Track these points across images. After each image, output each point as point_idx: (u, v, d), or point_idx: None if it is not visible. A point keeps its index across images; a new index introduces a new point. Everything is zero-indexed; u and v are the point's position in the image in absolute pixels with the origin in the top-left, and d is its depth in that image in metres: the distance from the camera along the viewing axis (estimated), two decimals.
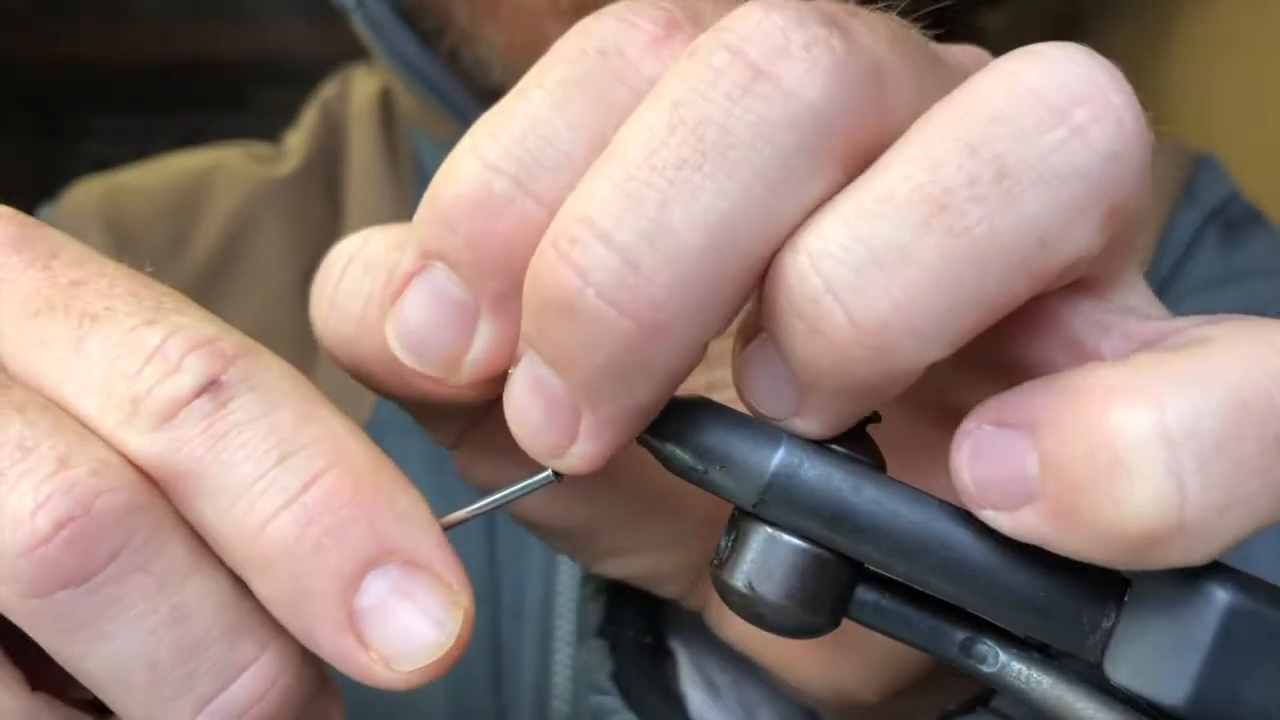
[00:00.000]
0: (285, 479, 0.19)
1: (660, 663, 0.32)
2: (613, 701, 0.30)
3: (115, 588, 0.19)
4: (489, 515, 0.24)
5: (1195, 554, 0.18)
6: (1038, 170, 0.18)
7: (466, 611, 0.20)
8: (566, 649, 0.51)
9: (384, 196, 0.61)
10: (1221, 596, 0.18)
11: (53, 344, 0.20)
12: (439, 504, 0.22)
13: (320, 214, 0.62)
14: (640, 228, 0.18)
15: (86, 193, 0.64)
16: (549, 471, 0.22)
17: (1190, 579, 0.19)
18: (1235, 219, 0.62)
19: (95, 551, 0.19)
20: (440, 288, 0.21)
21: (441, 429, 0.26)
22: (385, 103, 0.65)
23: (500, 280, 0.20)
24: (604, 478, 0.26)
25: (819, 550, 0.20)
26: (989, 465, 0.19)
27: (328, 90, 0.69)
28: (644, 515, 0.27)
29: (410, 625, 0.20)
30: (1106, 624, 0.19)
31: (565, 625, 0.51)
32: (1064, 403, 0.18)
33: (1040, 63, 0.18)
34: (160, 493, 0.20)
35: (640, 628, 0.31)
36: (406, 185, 0.62)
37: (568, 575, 0.51)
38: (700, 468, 0.20)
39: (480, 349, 0.21)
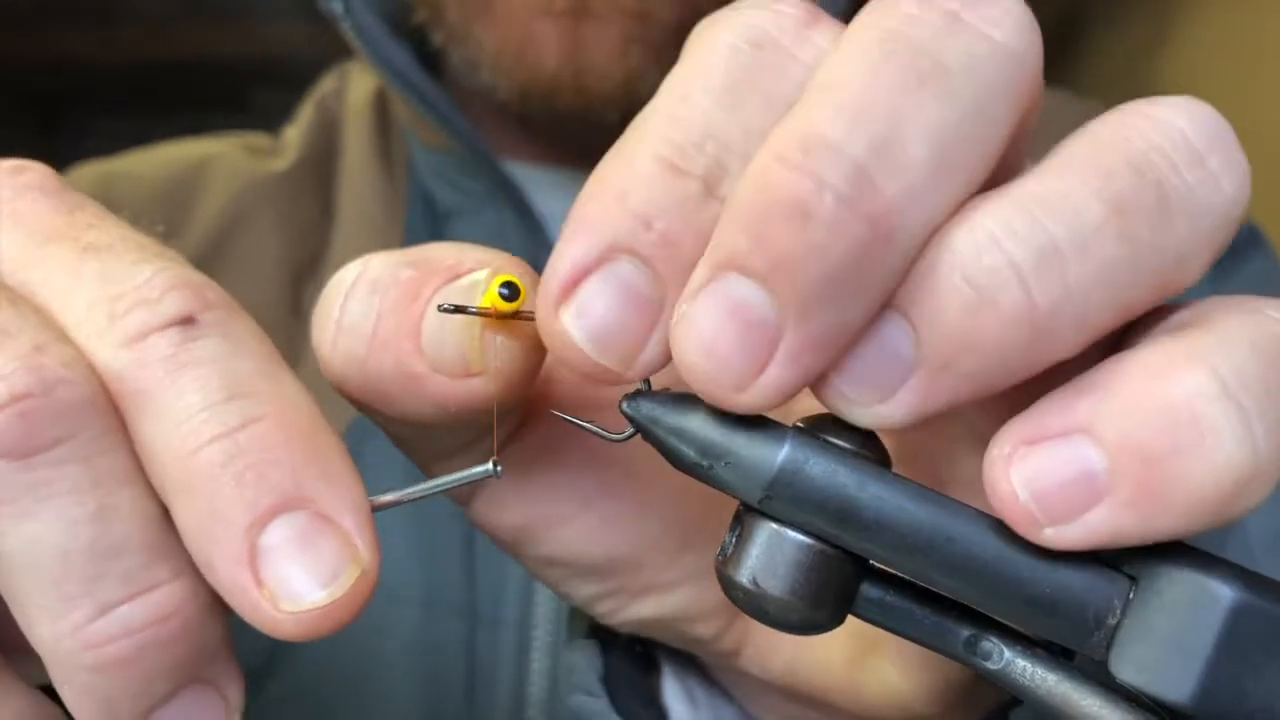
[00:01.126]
0: (226, 414, 0.20)
1: (648, 672, 0.31)
2: (599, 704, 0.29)
3: (52, 471, 0.20)
4: (471, 527, 0.24)
5: (1263, 497, 0.19)
6: (1187, 200, 0.19)
7: (365, 573, 0.21)
8: (544, 658, 0.50)
9: (376, 198, 0.61)
10: (1227, 593, 0.18)
11: (54, 266, 0.22)
12: (417, 514, 0.22)
13: (312, 213, 0.61)
14: (869, 140, 0.18)
15: (80, 178, 0.63)
16: (489, 464, 0.22)
17: (1195, 576, 0.19)
18: (1232, 243, 0.61)
19: (43, 431, 0.20)
20: (626, 280, 0.20)
21: (431, 459, 0.26)
22: (380, 102, 0.65)
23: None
24: (650, 499, 0.26)
25: (824, 546, 0.20)
26: (1048, 477, 0.19)
27: (325, 85, 0.68)
28: (688, 542, 0.27)
29: (303, 570, 0.20)
30: (1112, 621, 0.19)
31: (543, 634, 0.50)
32: (1118, 392, 0.19)
33: (1181, 109, 0.20)
34: (114, 405, 0.21)
35: (630, 634, 0.31)
36: (399, 187, 0.61)
37: None
38: (705, 463, 0.20)
39: (660, 340, 0.21)
